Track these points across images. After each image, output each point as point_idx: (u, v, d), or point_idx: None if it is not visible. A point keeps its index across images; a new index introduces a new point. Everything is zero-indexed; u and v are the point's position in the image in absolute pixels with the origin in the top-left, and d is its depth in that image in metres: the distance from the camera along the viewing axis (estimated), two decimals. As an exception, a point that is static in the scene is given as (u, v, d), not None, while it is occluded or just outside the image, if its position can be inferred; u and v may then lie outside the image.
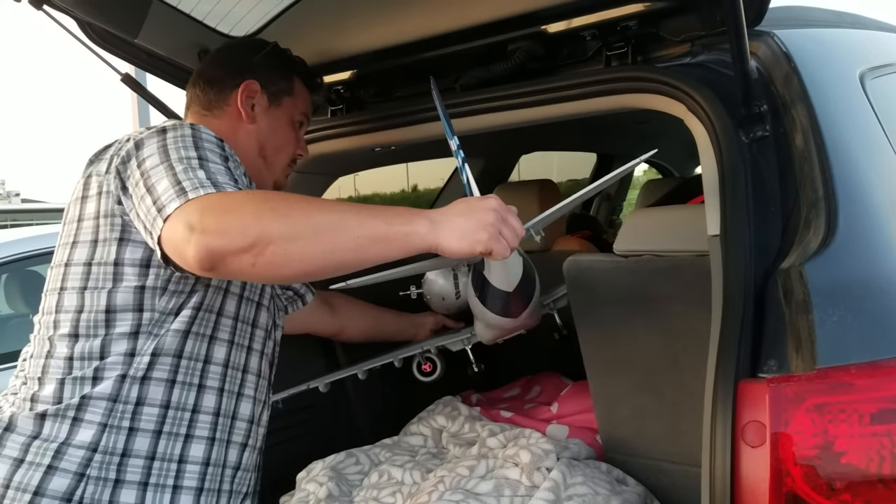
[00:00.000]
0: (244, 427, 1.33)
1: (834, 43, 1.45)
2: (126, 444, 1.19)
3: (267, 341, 1.40)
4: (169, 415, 1.23)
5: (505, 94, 1.58)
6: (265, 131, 1.46)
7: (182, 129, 1.21)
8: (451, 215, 1.07)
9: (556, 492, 1.50)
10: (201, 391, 1.26)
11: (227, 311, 1.29)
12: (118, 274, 1.21)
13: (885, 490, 0.91)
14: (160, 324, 1.21)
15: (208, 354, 1.27)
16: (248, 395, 1.34)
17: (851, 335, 0.96)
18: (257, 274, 1.05)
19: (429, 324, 2.06)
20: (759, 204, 1.17)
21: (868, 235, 1.08)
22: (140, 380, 1.20)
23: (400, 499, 1.67)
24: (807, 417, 0.93)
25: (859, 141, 1.22)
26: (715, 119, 1.25)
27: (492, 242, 1.06)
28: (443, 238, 1.05)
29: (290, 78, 1.51)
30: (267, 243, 1.01)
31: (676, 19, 1.40)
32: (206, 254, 1.02)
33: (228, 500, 1.30)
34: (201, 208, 1.05)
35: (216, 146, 1.20)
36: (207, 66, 1.51)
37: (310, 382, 1.98)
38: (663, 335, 1.55)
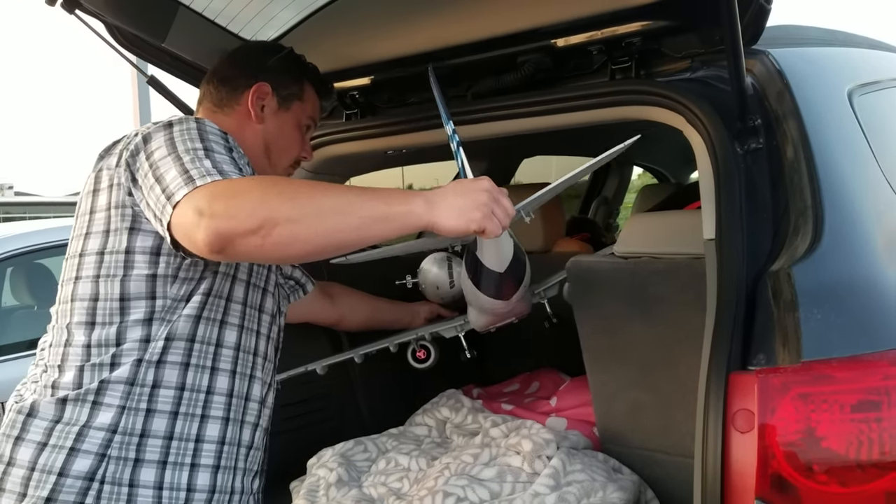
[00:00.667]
0: (255, 408, 1.38)
1: (824, 61, 1.54)
2: (144, 425, 1.23)
3: (273, 326, 1.44)
4: (184, 396, 1.27)
5: (514, 103, 1.67)
6: (272, 132, 1.50)
7: (188, 123, 1.25)
8: (446, 195, 1.12)
9: (556, 478, 1.59)
10: (214, 373, 1.30)
11: (235, 296, 1.34)
12: (129, 262, 1.24)
13: (861, 472, 1.00)
14: (172, 310, 1.25)
15: (220, 338, 1.31)
16: (257, 377, 1.38)
17: (834, 332, 1.05)
18: (265, 254, 1.10)
19: (424, 312, 2.14)
20: (751, 211, 1.26)
21: (851, 241, 1.17)
22: (156, 363, 1.24)
23: (407, 484, 1.75)
24: (791, 406, 1.02)
25: (846, 154, 1.31)
26: (712, 131, 1.34)
27: (485, 221, 1.11)
28: (439, 217, 1.10)
29: (301, 83, 1.55)
30: (274, 225, 1.06)
31: (678, 37, 1.49)
32: (216, 237, 1.06)
33: (242, 478, 1.35)
34: (209, 194, 1.09)
35: (220, 138, 1.24)
36: (223, 64, 1.55)
37: (308, 365, 2.04)
38: (660, 333, 1.64)
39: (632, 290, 1.66)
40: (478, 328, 1.89)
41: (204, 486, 1.27)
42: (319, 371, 2.05)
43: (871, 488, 0.99)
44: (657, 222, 1.71)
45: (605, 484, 1.60)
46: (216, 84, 1.50)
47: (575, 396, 2.04)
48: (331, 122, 1.99)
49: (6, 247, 3.69)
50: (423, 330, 2.04)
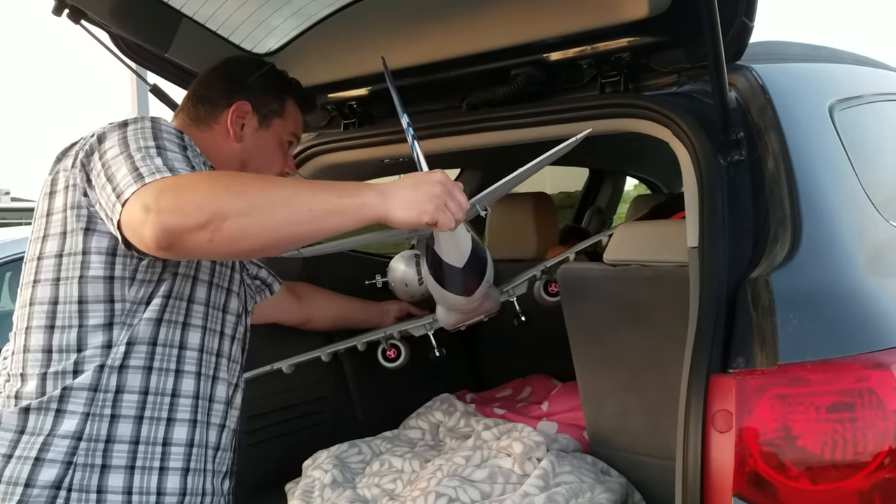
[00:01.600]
0: (221, 409, 1.35)
1: (807, 77, 1.60)
2: (109, 431, 1.20)
3: (238, 326, 1.42)
4: (149, 400, 1.24)
5: (507, 115, 1.73)
6: (250, 151, 1.48)
7: (143, 122, 1.23)
8: (399, 188, 1.12)
9: (545, 479, 1.63)
10: (179, 376, 1.28)
11: (197, 297, 1.31)
12: (86, 263, 1.22)
13: (835, 471, 1.04)
14: (132, 314, 1.23)
15: (183, 340, 1.29)
16: (222, 378, 1.36)
17: (809, 336, 1.10)
18: (215, 250, 1.08)
19: (394, 311, 2.14)
20: (733, 220, 1.31)
21: (828, 250, 1.22)
22: (118, 369, 1.21)
23: (400, 485, 1.79)
24: (768, 407, 1.07)
25: (825, 167, 1.37)
26: (696, 143, 1.39)
27: (438, 213, 1.11)
28: (392, 209, 1.10)
29: (282, 99, 1.53)
30: (223, 219, 1.04)
31: (665, 53, 1.55)
32: (163, 232, 1.04)
33: (213, 479, 1.33)
34: (157, 190, 1.07)
35: (175, 136, 1.22)
36: (202, 82, 1.52)
37: (273, 364, 2.02)
38: (647, 338, 1.68)
39: (620, 297, 1.71)
40: (447, 327, 1.91)
41: (174, 489, 1.25)
42: (286, 370, 2.02)
43: (843, 486, 1.04)
44: (645, 231, 1.76)
45: (594, 485, 1.64)
46: (195, 101, 1.48)
47: (566, 401, 2.09)
48: (329, 132, 2.04)
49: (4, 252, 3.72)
50: (392, 329, 2.04)
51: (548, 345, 2.08)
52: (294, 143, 1.60)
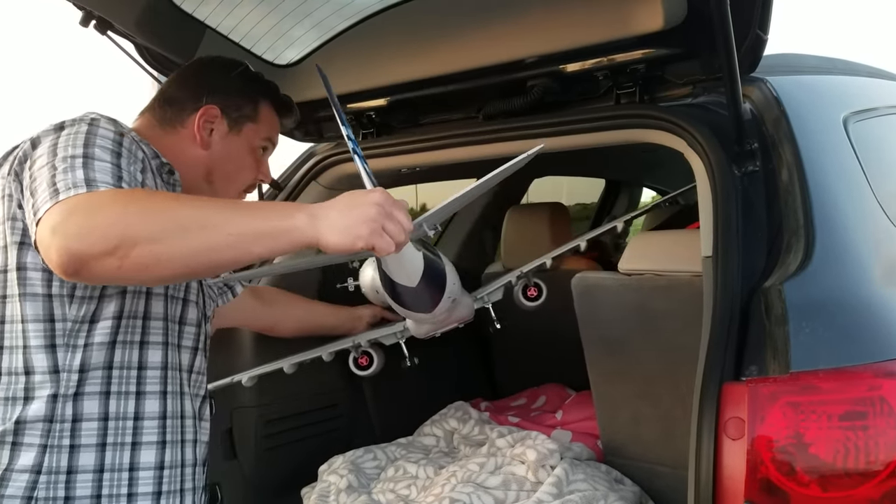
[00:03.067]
0: (191, 424, 1.30)
1: (821, 89, 1.61)
2: (70, 462, 1.14)
3: (199, 336, 1.35)
4: (110, 426, 1.17)
5: (523, 125, 1.75)
6: (218, 158, 1.39)
7: (79, 125, 1.15)
8: (331, 210, 1.04)
9: (559, 486, 1.64)
10: (140, 398, 1.21)
11: (154, 313, 1.23)
12: (22, 279, 1.14)
13: (846, 478, 1.05)
14: (76, 334, 1.15)
15: (142, 360, 1.21)
16: (188, 392, 1.30)
17: (821, 344, 1.11)
18: (124, 277, 1.02)
19: (366, 316, 2.03)
20: (747, 230, 1.32)
21: (841, 260, 1.23)
22: (73, 397, 1.15)
23: (415, 491, 1.81)
24: (780, 414, 1.07)
25: (838, 177, 1.38)
26: (711, 154, 1.41)
27: (373, 238, 1.03)
28: (322, 233, 1.02)
29: (255, 103, 1.43)
30: (132, 245, 0.97)
31: (680, 64, 1.57)
32: (68, 258, 0.98)
33: (192, 497, 1.27)
34: (66, 210, 1.00)
35: (110, 142, 1.14)
36: (171, 82, 1.43)
37: (234, 376, 1.96)
38: (661, 347, 1.69)
39: (635, 306, 1.72)
40: (418, 335, 1.87)
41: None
42: (245, 383, 1.94)
43: (855, 494, 1.04)
44: (660, 241, 1.78)
45: (607, 493, 1.65)
46: (161, 102, 1.39)
47: (580, 410, 2.10)
48: (348, 141, 2.07)
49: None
50: (361, 338, 1.97)
51: (563, 354, 2.09)
52: (270, 149, 1.50)
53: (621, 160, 3.41)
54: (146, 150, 1.25)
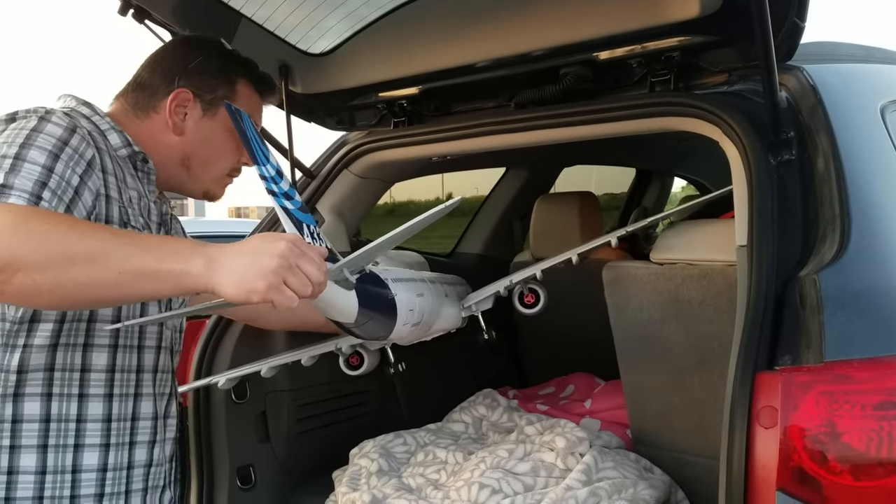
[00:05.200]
0: (148, 425, 1.26)
1: (858, 77, 1.59)
2: (10, 462, 1.13)
3: (164, 333, 1.30)
4: (52, 428, 1.15)
5: (556, 113, 1.75)
6: (194, 143, 1.33)
7: (27, 120, 1.11)
8: (231, 256, 0.98)
9: (588, 474, 1.65)
10: (83, 400, 1.18)
11: (101, 315, 1.19)
12: None
13: (879, 467, 1.05)
14: (15, 335, 1.13)
15: (85, 363, 1.18)
16: (145, 393, 1.26)
17: (856, 334, 1.11)
18: (8, 300, 1.00)
19: None
20: (782, 219, 1.32)
21: (876, 250, 1.22)
22: (12, 397, 1.13)
23: (444, 475, 1.83)
24: (813, 403, 1.07)
25: (875, 167, 1.36)
26: (746, 143, 1.40)
27: (271, 293, 0.97)
28: (217, 282, 0.97)
29: (232, 83, 1.36)
30: (14, 270, 0.94)
31: (715, 52, 1.56)
32: None
33: (143, 498, 1.26)
34: None
35: (54, 140, 1.09)
36: (144, 66, 1.36)
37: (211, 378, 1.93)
38: (693, 337, 1.69)
39: (666, 295, 1.72)
40: (402, 343, 1.84)
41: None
42: (221, 385, 1.91)
43: (887, 483, 1.04)
44: (693, 230, 1.77)
45: (636, 481, 1.66)
46: (133, 87, 1.33)
47: (609, 399, 2.10)
48: (379, 130, 2.09)
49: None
50: (344, 342, 1.91)
51: (591, 344, 2.10)
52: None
53: (653, 149, 3.39)
54: (115, 141, 1.22)
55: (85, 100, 1.26)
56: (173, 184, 1.37)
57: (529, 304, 1.95)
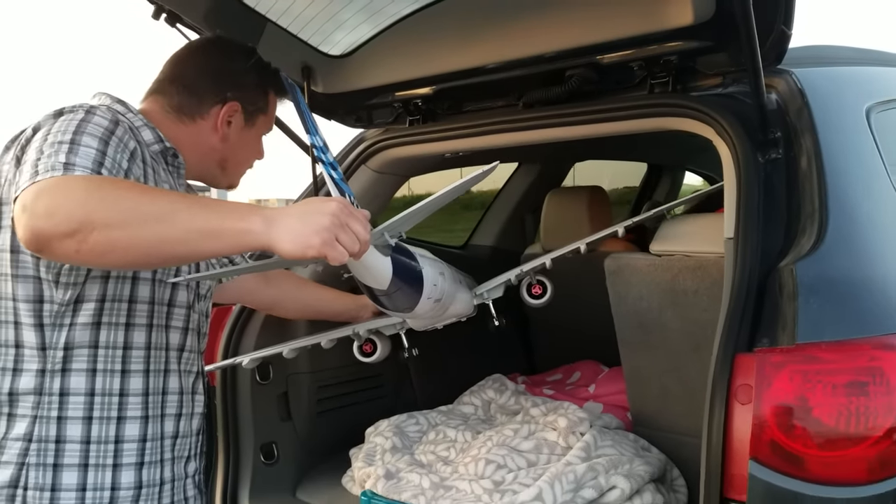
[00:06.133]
0: (175, 399, 1.35)
1: (846, 80, 1.68)
2: (58, 432, 1.22)
3: (191, 316, 1.39)
4: (96, 401, 1.24)
5: (561, 113, 1.85)
6: (233, 149, 1.47)
7: (75, 113, 1.19)
8: (287, 216, 1.06)
9: (587, 451, 1.76)
10: (126, 376, 1.27)
11: (140, 296, 1.28)
12: (16, 261, 1.22)
13: (846, 440, 1.15)
14: (62, 315, 1.22)
15: (127, 341, 1.27)
16: (173, 370, 1.35)
17: (826, 319, 1.20)
18: (81, 260, 1.07)
19: (371, 306, 1.94)
20: (767, 214, 1.41)
21: (850, 242, 1.32)
22: (60, 372, 1.22)
23: (454, 452, 1.95)
24: (786, 381, 1.17)
25: (856, 165, 1.45)
26: (737, 142, 1.50)
27: (325, 248, 1.05)
28: (275, 239, 1.04)
29: (266, 94, 1.51)
30: (90, 230, 1.01)
31: (710, 56, 1.65)
32: (32, 235, 1.03)
33: (172, 468, 1.35)
34: (38, 190, 1.04)
35: (101, 129, 1.17)
36: (188, 67, 1.45)
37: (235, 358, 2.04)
38: (688, 324, 1.79)
39: (663, 285, 1.83)
40: (416, 328, 1.92)
41: (129, 483, 1.27)
42: (245, 364, 2.01)
43: (850, 453, 1.14)
44: (689, 224, 1.87)
45: (632, 458, 1.76)
46: (180, 89, 1.42)
47: (612, 384, 2.21)
48: (395, 128, 2.21)
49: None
50: (360, 327, 2.00)
51: (598, 333, 2.20)
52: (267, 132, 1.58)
53: (663, 145, 3.48)
54: (147, 137, 1.31)
55: (118, 98, 1.36)
56: (205, 179, 1.50)
57: (537, 295, 2.01)
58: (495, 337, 2.20)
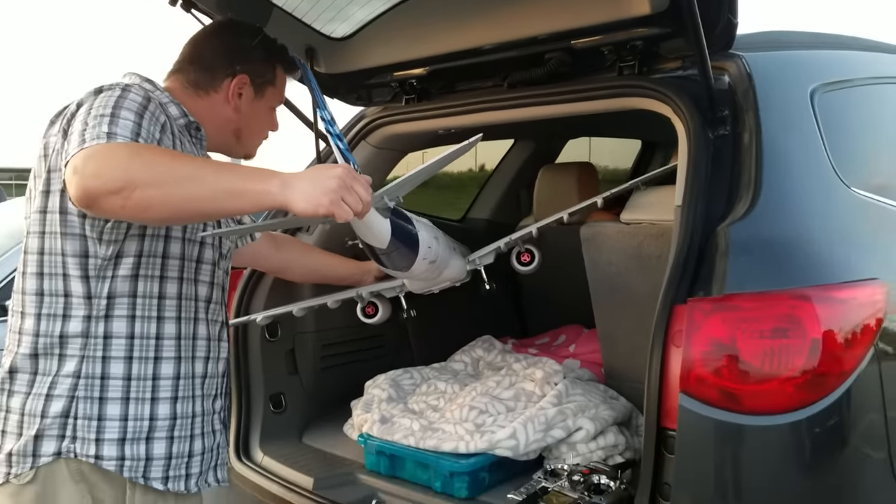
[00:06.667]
0: (204, 345, 1.52)
1: (793, 63, 1.84)
2: (103, 370, 1.38)
3: (216, 272, 1.55)
4: (136, 343, 1.41)
5: (541, 92, 2.03)
6: (245, 119, 1.61)
7: (113, 90, 1.34)
8: (300, 179, 1.21)
9: (559, 398, 1.97)
10: (161, 321, 1.43)
11: (171, 252, 1.44)
12: (64, 221, 1.36)
13: (768, 377, 1.33)
14: (105, 268, 1.37)
15: (161, 291, 1.43)
16: (202, 318, 1.51)
17: (751, 273, 1.39)
18: (127, 215, 1.23)
19: (374, 270, 2.19)
20: (714, 183, 1.59)
21: (778, 209, 1.50)
22: (104, 318, 1.38)
23: (443, 401, 2.16)
24: (714, 326, 1.36)
25: (793, 141, 1.63)
26: (689, 119, 1.67)
27: (333, 206, 1.20)
28: (291, 198, 1.19)
29: (274, 68, 1.65)
30: (133, 188, 1.16)
31: (671, 42, 1.81)
32: (83, 193, 1.18)
33: (202, 403, 1.51)
34: (86, 155, 1.19)
35: (137, 105, 1.32)
36: (203, 47, 1.61)
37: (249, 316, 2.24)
38: (653, 285, 1.95)
39: (630, 251, 2.01)
40: (415, 291, 2.09)
41: (165, 414, 1.43)
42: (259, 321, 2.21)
43: (766, 386, 1.33)
44: (655, 195, 2.05)
45: (599, 404, 1.97)
46: (195, 66, 1.57)
47: (590, 343, 2.41)
48: (393, 106, 2.39)
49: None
50: (364, 289, 2.18)
51: (583, 299, 2.38)
52: (279, 104, 1.72)
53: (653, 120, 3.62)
54: (174, 112, 1.47)
55: (147, 77, 1.52)
56: (223, 149, 1.67)
57: (525, 262, 2.16)
58: (489, 302, 2.38)
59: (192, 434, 1.48)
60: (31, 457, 1.36)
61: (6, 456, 1.38)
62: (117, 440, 1.38)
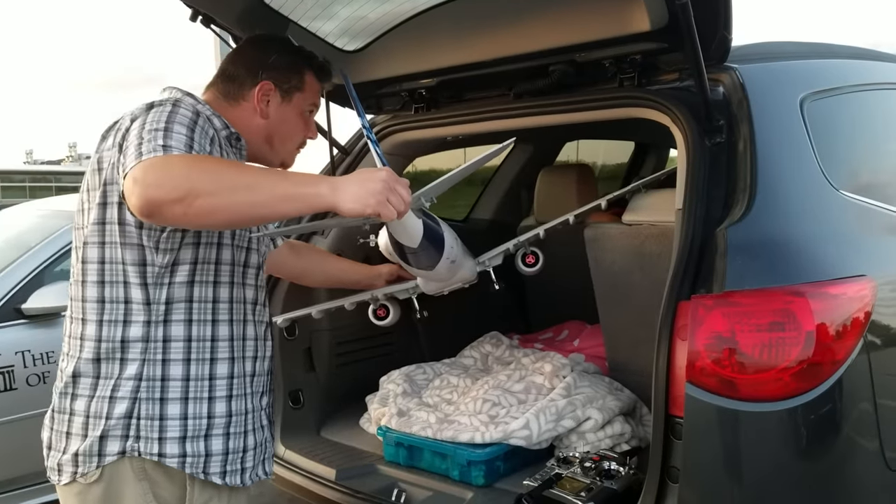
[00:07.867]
0: (252, 345, 1.58)
1: (785, 73, 1.97)
2: (163, 372, 1.45)
3: (259, 275, 1.63)
4: (193, 346, 1.47)
5: (545, 103, 2.15)
6: (275, 125, 1.66)
7: (164, 106, 1.41)
8: (348, 182, 1.29)
9: (568, 390, 2.09)
10: (215, 324, 1.50)
11: (223, 259, 1.51)
12: (123, 232, 1.42)
13: (766, 367, 1.46)
14: (162, 276, 1.44)
15: (215, 295, 1.50)
16: (250, 320, 1.58)
17: (748, 271, 1.52)
18: (188, 222, 1.29)
19: (385, 274, 2.28)
20: (711, 188, 1.71)
21: (772, 212, 1.62)
22: (162, 323, 1.45)
23: (456, 395, 2.28)
24: (716, 320, 1.49)
25: (785, 147, 1.75)
26: (687, 128, 1.79)
27: (379, 207, 1.28)
28: (340, 200, 1.27)
29: (301, 73, 1.69)
30: (195, 196, 1.22)
31: (669, 56, 1.94)
32: (145, 203, 1.23)
33: (252, 400, 1.58)
34: (146, 166, 1.25)
35: (188, 119, 1.38)
36: (230, 61, 1.69)
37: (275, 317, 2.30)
38: (654, 282, 2.09)
39: (633, 250, 2.14)
40: (427, 292, 2.16)
41: (222, 412, 1.50)
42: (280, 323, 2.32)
43: (764, 376, 1.46)
44: (655, 198, 2.18)
45: (605, 395, 2.09)
46: (225, 79, 1.65)
47: (593, 338, 2.54)
48: (403, 114, 2.50)
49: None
50: (378, 291, 2.26)
51: (586, 296, 2.50)
52: (314, 111, 1.77)
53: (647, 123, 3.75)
54: (217, 124, 1.51)
55: (187, 91, 1.56)
56: (259, 157, 1.71)
57: (530, 264, 2.25)
58: (494, 301, 2.48)
59: (245, 430, 1.55)
60: (96, 456, 1.43)
61: (72, 456, 1.45)
62: (178, 438, 1.45)
